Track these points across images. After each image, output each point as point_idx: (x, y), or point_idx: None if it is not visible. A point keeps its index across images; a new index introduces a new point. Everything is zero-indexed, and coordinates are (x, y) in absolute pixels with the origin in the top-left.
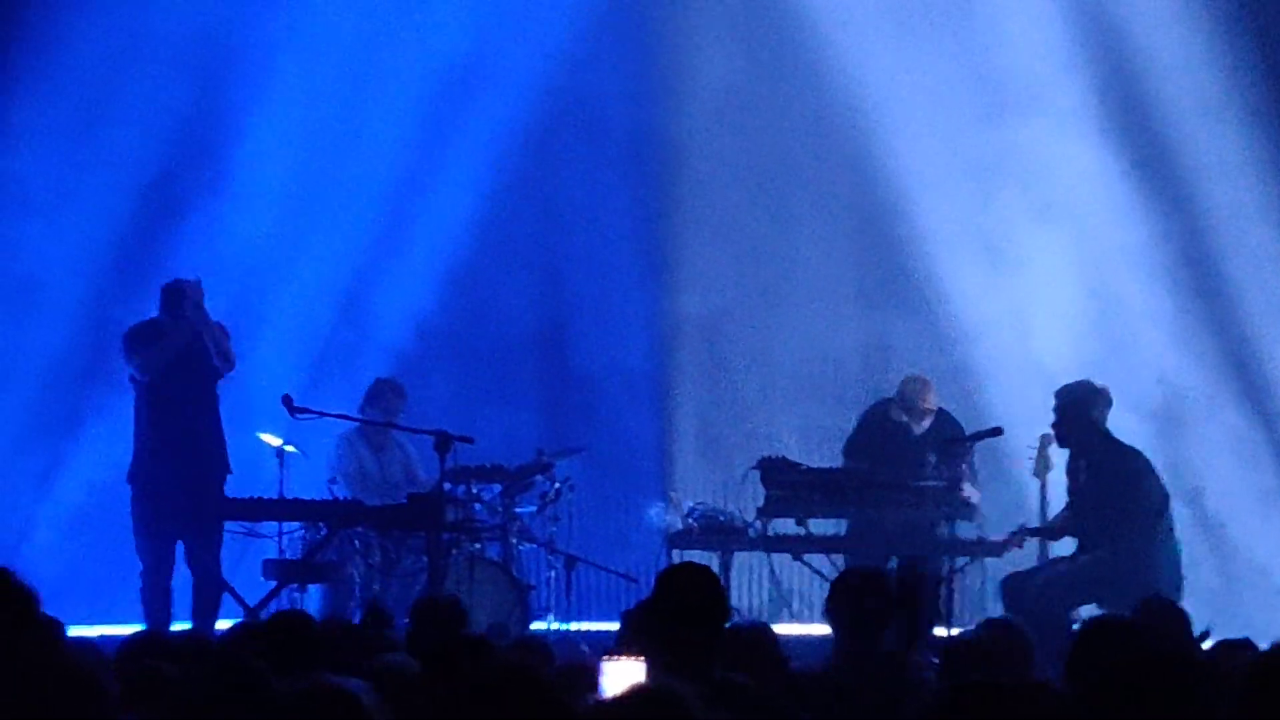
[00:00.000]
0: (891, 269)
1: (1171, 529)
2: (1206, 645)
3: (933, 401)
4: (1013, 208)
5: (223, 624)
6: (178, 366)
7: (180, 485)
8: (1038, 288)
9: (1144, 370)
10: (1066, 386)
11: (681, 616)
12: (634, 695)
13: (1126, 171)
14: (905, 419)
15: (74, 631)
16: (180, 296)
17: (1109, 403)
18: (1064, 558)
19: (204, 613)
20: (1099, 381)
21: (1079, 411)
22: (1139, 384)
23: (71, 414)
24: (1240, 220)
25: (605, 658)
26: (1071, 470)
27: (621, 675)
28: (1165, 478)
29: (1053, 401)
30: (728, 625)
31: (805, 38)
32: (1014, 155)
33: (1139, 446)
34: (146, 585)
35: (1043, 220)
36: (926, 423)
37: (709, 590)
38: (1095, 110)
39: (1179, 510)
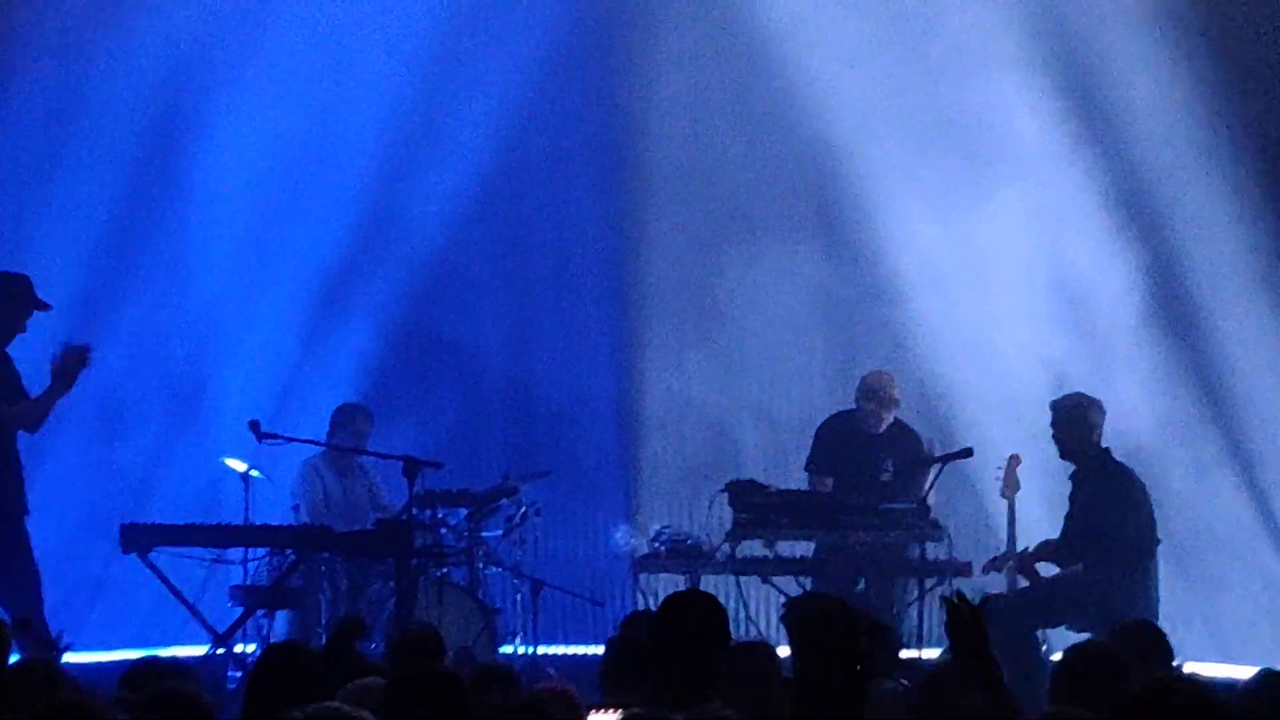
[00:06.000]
0: (857, 284)
1: (1156, 566)
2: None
3: (896, 392)
4: (977, 200)
5: (191, 650)
6: None
7: None
8: (1006, 291)
9: (1117, 384)
10: (1063, 398)
11: (686, 644)
12: None
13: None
14: (869, 411)
15: None
16: None
17: (1103, 414)
18: (1044, 579)
19: None
20: (1093, 394)
21: (1077, 424)
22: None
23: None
24: (1185, 173)
25: (591, 711)
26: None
27: None
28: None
29: (1048, 415)
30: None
31: (770, 51)
32: (1002, 191)
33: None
34: None
35: (1014, 226)
36: (889, 417)
37: (715, 619)
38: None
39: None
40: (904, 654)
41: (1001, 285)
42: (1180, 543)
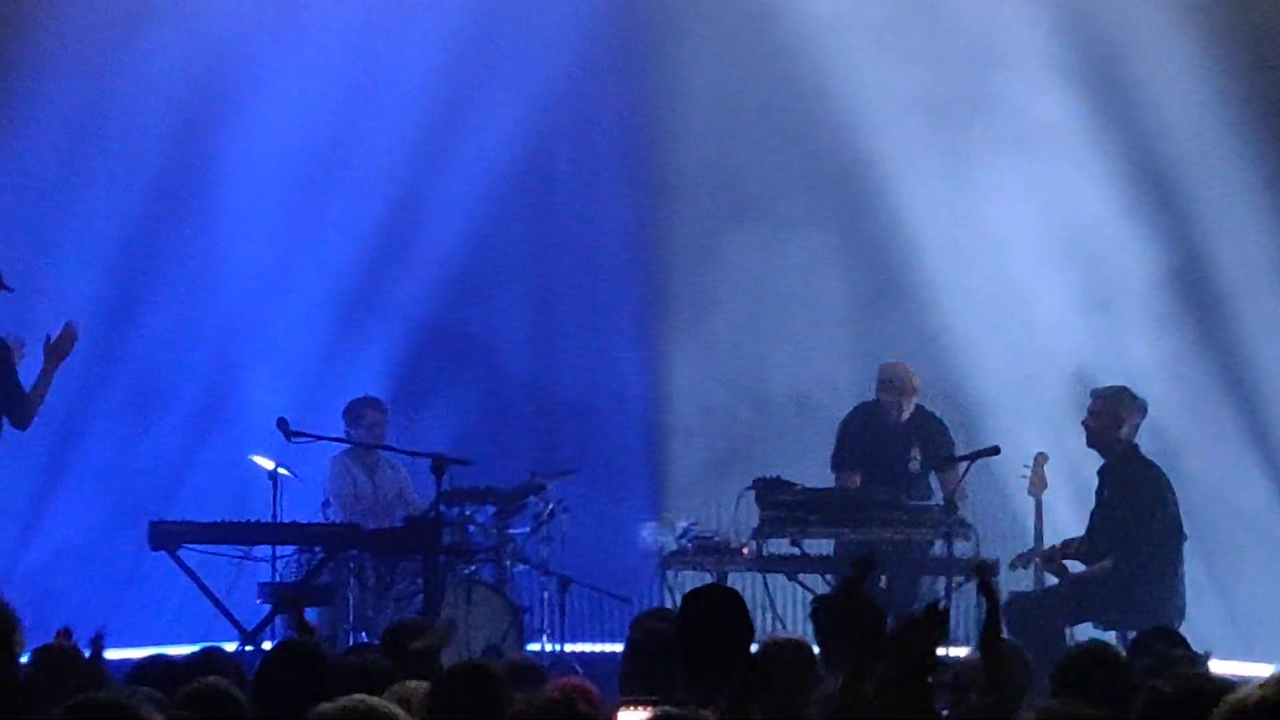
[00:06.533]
0: (884, 277)
1: (1183, 563)
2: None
3: (915, 380)
4: (1006, 199)
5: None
6: None
7: None
8: (1029, 285)
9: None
10: (1105, 389)
11: (708, 640)
12: None
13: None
14: (889, 401)
15: None
16: None
17: (1141, 414)
18: (1071, 576)
19: None
20: (1138, 392)
21: (1106, 416)
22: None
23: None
24: (1211, 159)
25: (620, 706)
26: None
27: None
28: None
29: (1071, 409)
30: (768, 640)
31: (796, 46)
32: (1024, 181)
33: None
34: None
35: (1038, 216)
36: (910, 406)
37: (735, 614)
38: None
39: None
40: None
41: (1027, 276)
42: (1201, 530)
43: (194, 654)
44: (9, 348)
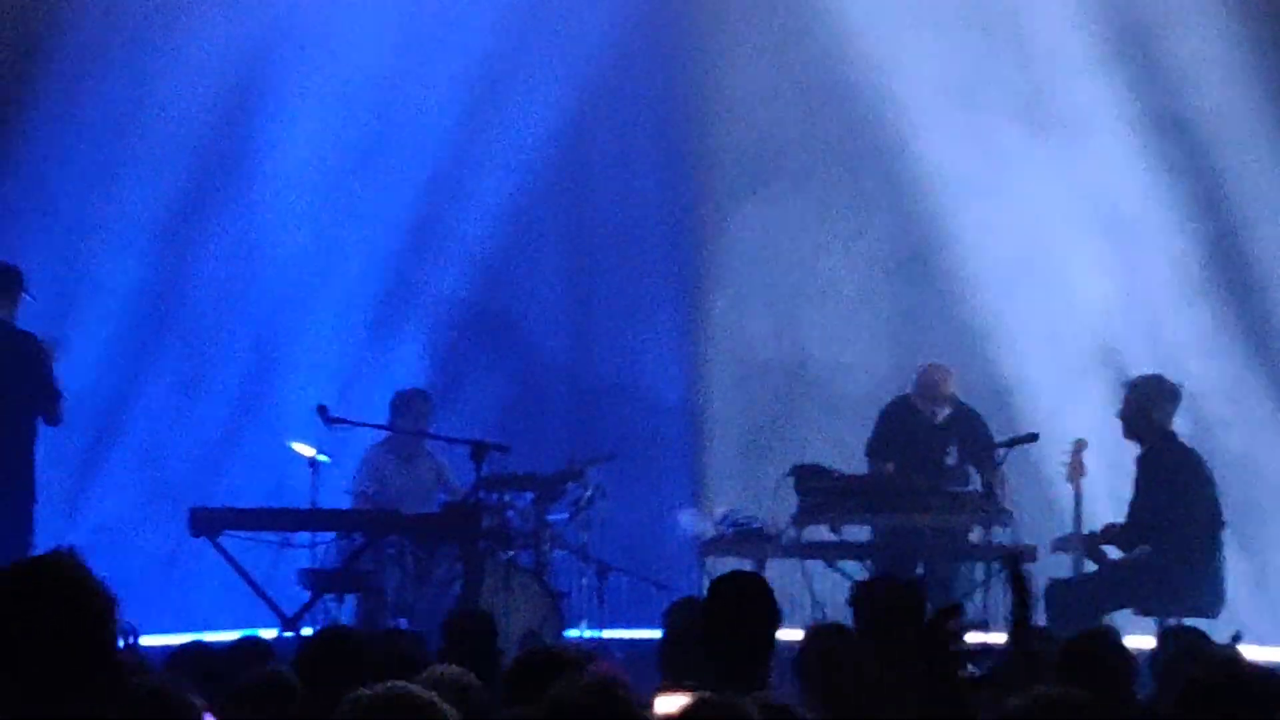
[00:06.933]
0: (919, 265)
1: (1221, 547)
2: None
3: (951, 387)
4: (1041, 176)
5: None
6: None
7: None
8: (1065, 263)
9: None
10: (1137, 379)
11: (732, 628)
12: (695, 711)
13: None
14: (925, 406)
15: None
16: None
17: (1175, 400)
18: (1110, 562)
19: None
20: (1171, 379)
21: (1138, 405)
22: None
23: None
24: (1246, 138)
25: (658, 692)
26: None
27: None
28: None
29: (1120, 393)
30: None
31: (836, 25)
32: (1056, 159)
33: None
34: None
35: (1076, 192)
36: (946, 410)
37: (759, 601)
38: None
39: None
40: (968, 639)
41: (1063, 253)
42: (1234, 507)
43: (232, 642)
44: (44, 345)
